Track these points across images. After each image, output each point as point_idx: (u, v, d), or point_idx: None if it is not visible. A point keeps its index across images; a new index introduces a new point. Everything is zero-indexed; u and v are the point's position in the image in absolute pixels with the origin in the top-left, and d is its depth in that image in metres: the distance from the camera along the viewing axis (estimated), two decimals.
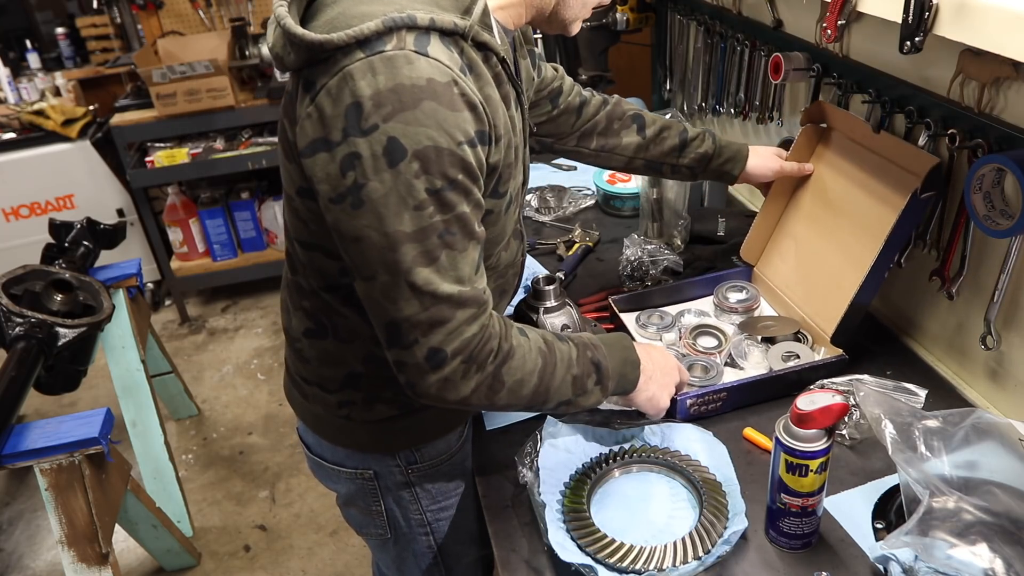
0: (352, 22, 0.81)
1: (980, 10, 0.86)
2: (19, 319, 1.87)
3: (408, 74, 0.79)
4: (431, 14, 0.83)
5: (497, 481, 1.18)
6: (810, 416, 0.91)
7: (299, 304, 1.07)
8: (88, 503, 1.71)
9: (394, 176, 0.80)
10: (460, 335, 0.88)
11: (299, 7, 0.90)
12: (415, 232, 0.83)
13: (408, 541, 1.25)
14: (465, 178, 0.84)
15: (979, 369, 1.26)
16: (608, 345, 1.06)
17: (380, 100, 0.79)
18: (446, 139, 0.81)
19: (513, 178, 0.98)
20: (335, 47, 0.80)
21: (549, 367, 0.97)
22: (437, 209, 0.83)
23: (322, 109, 0.82)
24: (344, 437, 1.15)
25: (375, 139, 0.79)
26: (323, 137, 0.82)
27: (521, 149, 1.02)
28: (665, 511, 1.10)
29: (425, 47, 0.81)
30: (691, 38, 2.02)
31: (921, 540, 0.88)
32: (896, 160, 1.26)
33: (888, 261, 1.24)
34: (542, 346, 0.98)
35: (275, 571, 2.35)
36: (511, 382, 0.95)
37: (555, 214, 1.98)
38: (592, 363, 1.02)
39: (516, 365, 0.94)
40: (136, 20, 3.80)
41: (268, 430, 2.91)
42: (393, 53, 0.79)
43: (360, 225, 0.83)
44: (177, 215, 3.44)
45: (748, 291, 1.50)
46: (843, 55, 1.40)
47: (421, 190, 0.81)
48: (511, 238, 1.09)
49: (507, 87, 0.94)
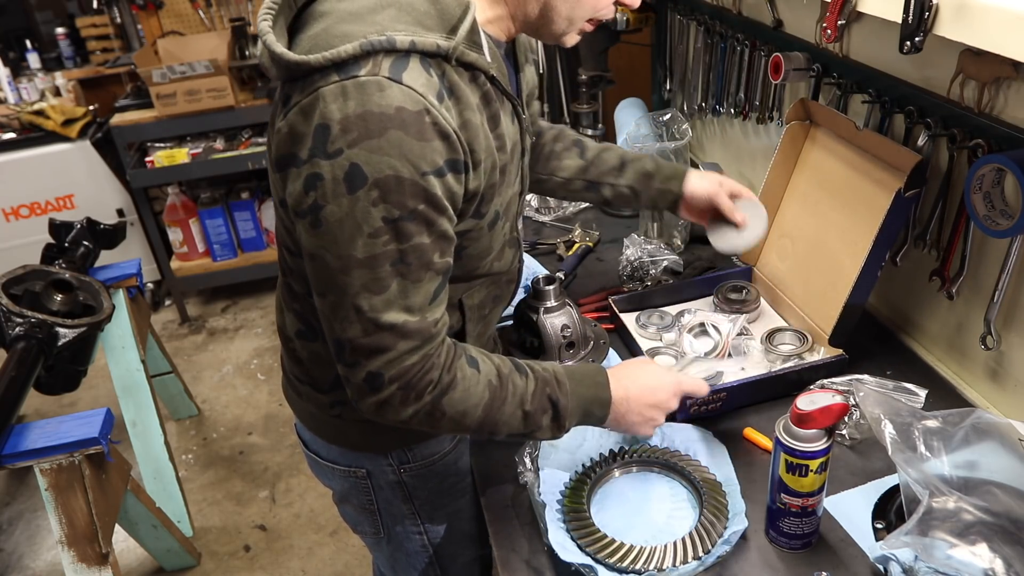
0: (333, 42, 0.82)
1: (980, 10, 0.86)
2: (19, 319, 1.87)
3: (378, 101, 0.80)
4: (412, 36, 0.83)
5: (497, 481, 1.18)
6: (810, 416, 0.91)
7: (291, 305, 1.08)
8: (88, 503, 1.71)
9: (352, 202, 0.81)
10: (399, 363, 0.89)
11: (287, 17, 0.91)
12: (366, 259, 0.84)
13: (402, 540, 1.26)
14: (427, 208, 0.84)
15: (979, 369, 1.26)
16: (577, 381, 1.03)
17: (347, 125, 0.80)
18: (409, 169, 0.81)
19: (499, 195, 0.97)
20: (311, 68, 0.82)
21: (497, 402, 0.97)
22: (392, 238, 0.83)
23: (293, 126, 0.83)
24: (337, 435, 1.16)
25: (338, 164, 0.80)
26: (292, 153, 0.84)
27: (516, 163, 1.02)
28: (665, 511, 1.10)
29: (400, 73, 0.81)
30: (691, 38, 2.02)
31: (921, 540, 0.88)
32: (882, 157, 1.26)
33: (879, 260, 1.24)
34: (492, 379, 0.97)
35: (275, 571, 2.35)
36: (452, 412, 0.95)
37: (555, 214, 1.98)
38: (550, 400, 1.00)
39: (458, 397, 0.94)
40: (136, 20, 3.81)
41: (268, 430, 2.91)
42: (366, 79, 0.80)
43: (316, 244, 0.85)
44: (177, 215, 3.44)
45: (748, 291, 1.50)
46: (843, 55, 1.40)
47: (377, 218, 0.82)
48: (505, 247, 1.09)
49: (496, 104, 0.93)
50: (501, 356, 1.01)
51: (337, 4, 0.87)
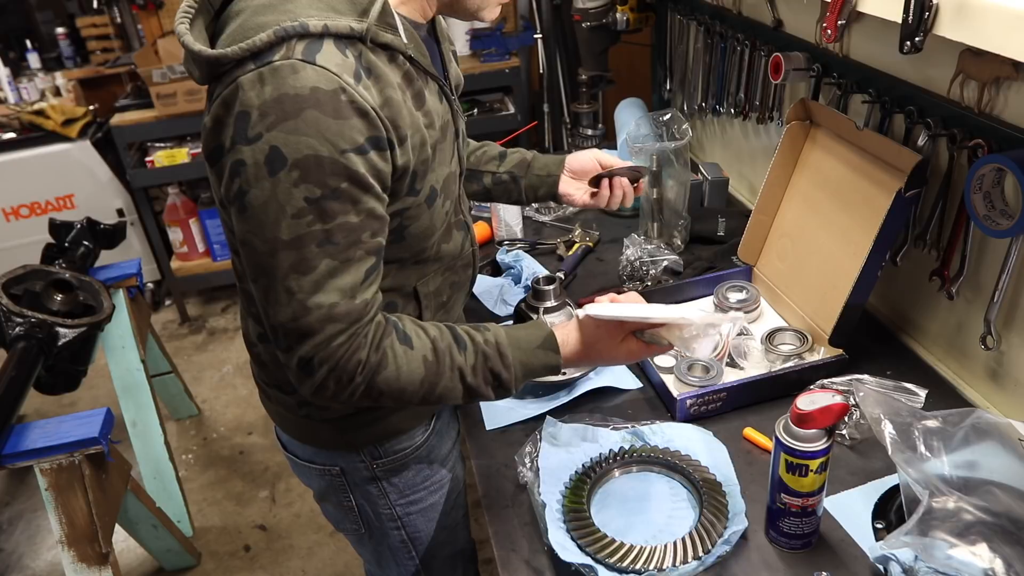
0: (249, 34, 0.83)
1: (980, 10, 0.86)
2: (19, 319, 1.87)
3: (292, 83, 0.81)
4: (325, 20, 0.84)
5: (497, 481, 1.18)
6: (810, 416, 0.91)
7: (249, 310, 1.09)
8: (88, 503, 1.71)
9: (273, 184, 0.82)
10: (327, 346, 0.90)
11: (206, 19, 0.92)
12: (292, 240, 0.85)
13: (382, 535, 1.27)
14: (351, 187, 0.85)
15: (979, 369, 1.26)
16: (523, 350, 1.02)
17: (265, 110, 0.81)
18: (328, 148, 0.82)
19: (433, 171, 0.97)
20: (230, 61, 0.83)
21: (435, 377, 0.97)
22: (316, 218, 0.84)
23: (216, 118, 0.85)
24: (308, 435, 1.18)
25: (258, 148, 0.82)
26: (219, 144, 0.85)
27: (451, 143, 1.02)
28: (665, 511, 1.10)
29: (314, 55, 0.82)
30: (691, 38, 2.02)
31: (921, 540, 0.88)
32: (882, 156, 1.26)
33: (879, 260, 1.24)
34: (428, 355, 0.97)
35: (275, 571, 2.35)
36: (389, 390, 0.96)
37: (555, 214, 1.98)
38: (491, 373, 1.01)
39: (390, 376, 0.94)
40: (136, 20, 3.80)
41: (268, 430, 2.91)
42: (280, 63, 0.81)
43: (245, 230, 0.86)
44: (177, 215, 3.44)
45: (748, 291, 1.50)
46: (843, 55, 1.40)
47: (300, 199, 0.83)
48: (452, 229, 1.09)
49: (420, 83, 0.94)
50: (441, 327, 1.00)
51: (251, 1, 0.88)
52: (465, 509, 1.35)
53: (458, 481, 1.30)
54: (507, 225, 1.85)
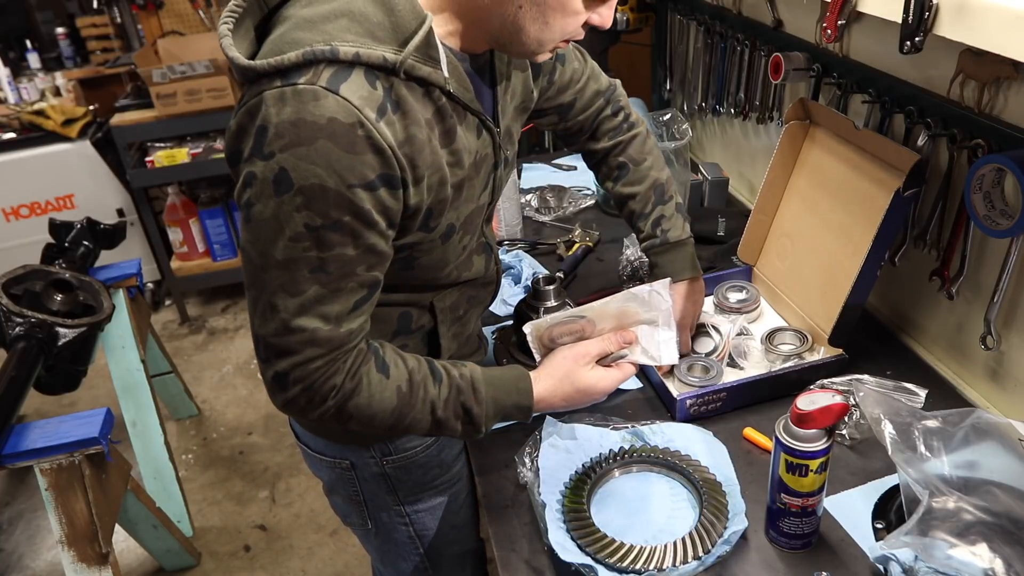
0: (284, 48, 0.83)
1: (980, 10, 0.86)
2: (19, 319, 1.87)
3: (311, 110, 0.80)
4: (358, 47, 0.82)
5: (497, 481, 1.18)
6: (810, 416, 0.91)
7: None
8: (88, 503, 1.71)
9: (277, 204, 0.83)
10: (304, 367, 0.91)
11: (255, 18, 0.92)
12: (284, 260, 0.85)
13: (389, 531, 1.27)
14: (353, 220, 0.84)
15: (979, 369, 1.26)
16: (496, 387, 1.03)
17: (281, 130, 0.81)
18: (335, 180, 0.82)
19: (454, 209, 0.97)
20: (258, 74, 0.83)
21: (406, 408, 0.98)
22: (313, 245, 0.85)
23: (241, 124, 0.85)
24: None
25: (269, 166, 0.82)
26: (239, 149, 0.86)
27: (484, 176, 1.01)
28: (665, 511, 1.10)
29: (339, 84, 0.81)
30: (691, 38, 2.02)
31: (921, 540, 0.88)
32: (881, 156, 1.26)
33: (879, 259, 1.24)
34: (402, 386, 0.97)
35: (275, 571, 2.35)
36: (359, 416, 0.96)
37: (555, 214, 1.98)
38: (463, 408, 1.01)
39: (362, 403, 0.95)
40: (136, 20, 3.81)
41: (268, 430, 2.91)
42: (304, 87, 0.81)
43: (246, 238, 0.88)
44: (177, 215, 3.44)
45: (748, 291, 1.50)
46: (843, 55, 1.40)
47: (299, 224, 0.83)
48: (471, 256, 1.10)
49: (452, 120, 0.92)
50: (420, 359, 1.01)
51: (299, 10, 0.87)
52: (474, 509, 1.35)
53: (467, 481, 1.30)
54: (507, 225, 1.85)
